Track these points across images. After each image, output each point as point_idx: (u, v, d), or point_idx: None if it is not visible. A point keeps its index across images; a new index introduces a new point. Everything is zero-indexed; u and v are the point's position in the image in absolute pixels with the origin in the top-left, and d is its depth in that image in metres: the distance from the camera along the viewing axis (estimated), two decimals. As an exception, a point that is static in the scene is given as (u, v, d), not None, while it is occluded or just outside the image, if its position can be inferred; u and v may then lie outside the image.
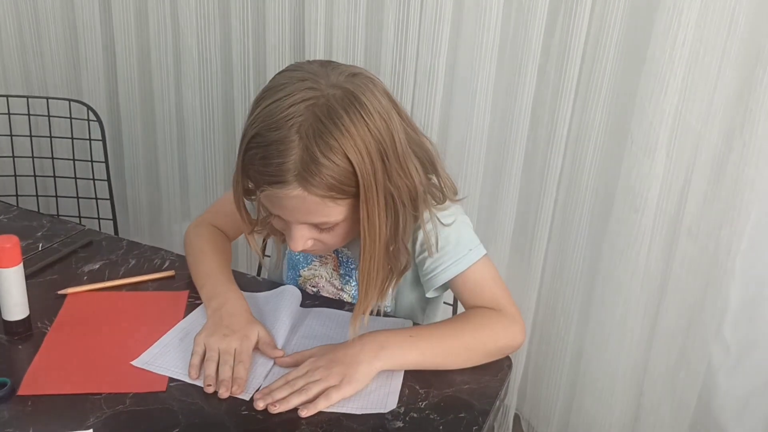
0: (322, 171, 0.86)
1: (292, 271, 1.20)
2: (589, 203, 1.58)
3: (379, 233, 0.92)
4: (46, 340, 1.00)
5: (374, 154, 0.88)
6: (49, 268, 1.18)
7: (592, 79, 1.48)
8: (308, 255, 1.16)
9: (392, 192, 0.92)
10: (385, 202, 0.91)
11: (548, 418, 1.81)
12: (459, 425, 0.89)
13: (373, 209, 0.90)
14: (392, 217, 0.93)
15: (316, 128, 0.86)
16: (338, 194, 0.89)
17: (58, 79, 2.19)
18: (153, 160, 2.17)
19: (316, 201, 0.89)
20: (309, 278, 1.18)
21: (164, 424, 0.86)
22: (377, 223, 0.91)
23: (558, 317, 1.72)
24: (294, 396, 0.88)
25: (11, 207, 1.39)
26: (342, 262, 1.14)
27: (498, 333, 1.00)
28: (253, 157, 0.89)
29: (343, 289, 1.15)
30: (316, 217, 0.92)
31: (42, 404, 0.88)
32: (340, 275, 1.15)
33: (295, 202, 0.89)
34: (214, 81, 1.96)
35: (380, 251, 0.94)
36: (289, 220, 0.94)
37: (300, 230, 0.94)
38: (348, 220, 0.94)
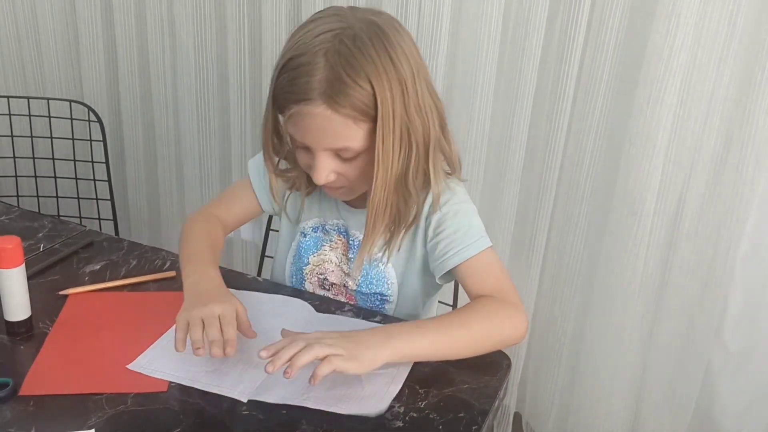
0: (345, 90, 0.91)
1: (298, 261, 1.20)
2: (587, 206, 1.59)
3: (392, 163, 0.97)
4: (47, 340, 1.00)
5: (394, 83, 0.93)
6: (51, 269, 1.18)
7: (590, 82, 1.49)
8: (318, 241, 1.18)
9: (408, 126, 0.96)
10: (400, 133, 0.96)
11: (546, 419, 1.82)
12: (458, 425, 0.89)
13: (388, 136, 0.95)
14: (405, 152, 0.98)
15: (341, 52, 0.91)
16: (360, 116, 0.93)
17: (56, 80, 2.19)
18: (152, 161, 2.18)
19: (339, 121, 0.93)
20: (318, 264, 1.18)
21: (165, 424, 0.87)
22: (391, 152, 0.96)
23: (557, 319, 1.72)
24: (302, 354, 0.85)
25: (12, 207, 1.39)
26: (351, 246, 1.15)
27: (504, 323, 1.01)
28: (282, 82, 0.95)
29: (350, 273, 1.16)
30: (339, 140, 0.96)
31: (44, 404, 0.89)
32: (348, 259, 1.16)
33: (319, 121, 0.93)
34: (210, 83, 1.97)
35: (390, 183, 0.99)
36: (313, 147, 0.98)
37: (323, 159, 0.98)
38: (368, 153, 0.97)
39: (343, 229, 1.16)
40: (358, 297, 1.17)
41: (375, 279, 1.14)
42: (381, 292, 1.15)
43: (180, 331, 0.92)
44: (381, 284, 1.15)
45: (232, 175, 2.06)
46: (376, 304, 1.16)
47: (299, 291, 1.19)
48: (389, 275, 1.14)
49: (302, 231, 1.20)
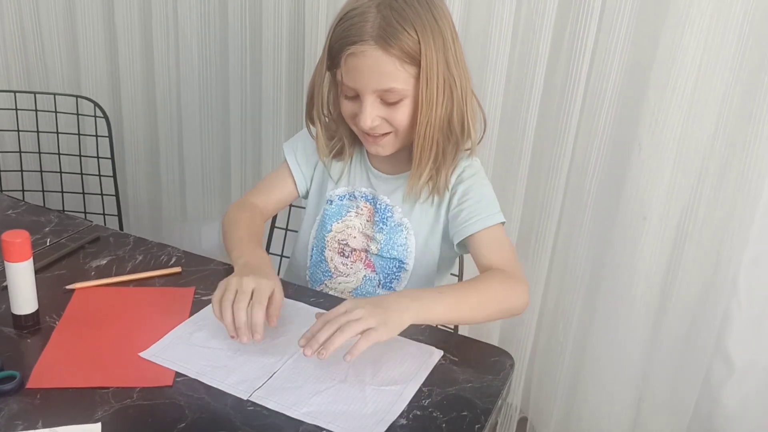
0: (395, 34, 1.04)
1: (321, 230, 1.27)
2: (593, 210, 1.58)
3: (435, 106, 1.08)
4: (54, 334, 1.01)
5: (436, 36, 1.06)
6: (57, 264, 1.19)
7: (598, 86, 1.49)
8: (343, 208, 1.25)
9: (447, 76, 1.08)
10: (442, 79, 1.07)
11: (549, 421, 1.82)
12: (462, 423, 0.90)
13: (432, 80, 1.06)
14: (445, 97, 1.09)
15: (392, 5, 1.05)
16: (406, 58, 1.05)
17: (59, 76, 2.19)
18: (154, 158, 2.18)
19: (388, 61, 1.04)
20: (340, 231, 1.25)
21: (171, 419, 0.87)
22: (435, 94, 1.07)
23: (561, 322, 1.72)
24: (337, 336, 0.90)
25: (19, 202, 1.40)
26: (378, 209, 1.23)
27: (513, 292, 1.10)
28: (339, 32, 1.07)
29: (373, 237, 1.23)
30: (386, 81, 1.06)
31: (50, 397, 0.89)
32: (374, 222, 1.23)
33: (371, 62, 1.04)
34: (213, 81, 1.97)
35: (434, 124, 1.10)
36: (362, 90, 1.07)
37: (370, 103, 1.08)
38: (412, 99, 1.08)
39: (370, 197, 1.24)
40: (377, 262, 1.23)
41: (397, 245, 1.21)
42: (400, 259, 1.22)
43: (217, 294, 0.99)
44: (401, 251, 1.21)
45: (232, 171, 2.06)
46: (393, 270, 1.22)
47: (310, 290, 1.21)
48: (410, 243, 1.21)
49: (329, 199, 1.26)
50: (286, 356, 0.99)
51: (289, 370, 0.95)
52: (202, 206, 2.12)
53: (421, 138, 1.11)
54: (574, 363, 1.74)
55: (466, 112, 1.12)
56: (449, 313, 1.03)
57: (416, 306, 0.98)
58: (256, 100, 1.94)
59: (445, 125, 1.11)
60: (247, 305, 0.96)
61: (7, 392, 0.89)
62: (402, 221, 1.21)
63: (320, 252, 1.28)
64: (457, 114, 1.11)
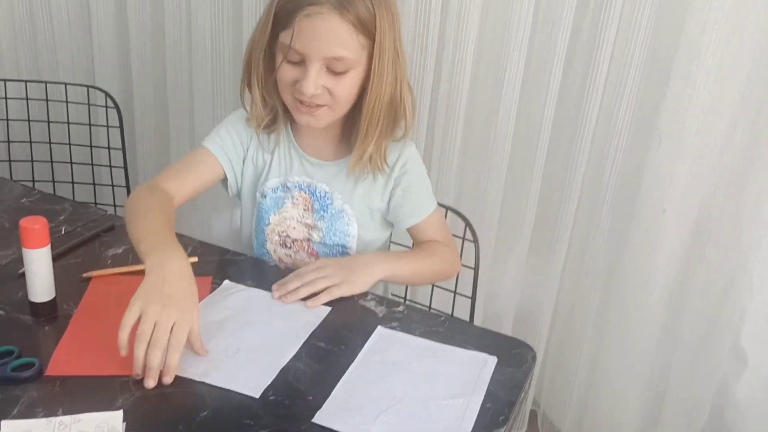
0: (354, 3, 1.04)
1: (260, 222, 1.26)
2: (611, 202, 1.57)
3: (385, 79, 1.10)
4: (71, 321, 1.00)
5: (389, 14, 1.08)
6: (73, 252, 1.18)
7: (618, 77, 1.47)
8: (278, 200, 1.24)
9: (394, 56, 1.10)
10: (392, 57, 1.10)
11: (564, 415, 1.81)
12: (486, 415, 0.89)
13: (384, 53, 1.08)
14: (393, 76, 1.11)
15: None
16: (360, 27, 1.05)
17: (69, 66, 2.17)
18: (165, 148, 2.16)
19: (344, 28, 1.04)
20: (278, 223, 1.25)
21: (192, 407, 0.86)
22: (385, 68, 1.09)
23: (577, 316, 1.71)
24: (303, 288, 1.07)
25: (33, 190, 1.39)
26: (317, 197, 1.23)
27: (453, 262, 1.27)
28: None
29: (315, 225, 1.24)
30: (337, 48, 1.05)
31: (70, 385, 0.88)
32: (313, 211, 1.23)
33: (326, 25, 1.04)
34: (226, 69, 1.95)
35: (384, 98, 1.11)
36: (310, 56, 1.06)
37: (316, 69, 1.06)
38: (357, 72, 1.09)
39: (305, 185, 1.23)
40: (320, 250, 1.25)
41: (339, 231, 1.23)
42: (343, 244, 1.24)
43: (125, 328, 0.89)
44: (343, 236, 1.24)
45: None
46: (336, 256, 1.25)
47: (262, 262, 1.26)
48: (351, 228, 1.24)
49: (262, 193, 1.25)
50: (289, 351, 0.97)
51: (345, 390, 0.91)
52: (213, 196, 2.10)
53: (370, 111, 1.12)
54: (589, 357, 1.73)
55: (403, 93, 1.15)
56: (411, 276, 1.22)
57: (383, 268, 1.14)
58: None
59: (389, 102, 1.13)
60: (164, 347, 0.88)
61: (26, 379, 0.88)
62: (343, 208, 1.22)
63: (262, 245, 1.28)
64: (398, 93, 1.14)
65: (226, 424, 0.84)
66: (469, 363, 0.98)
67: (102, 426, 0.81)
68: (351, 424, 0.86)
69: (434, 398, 0.91)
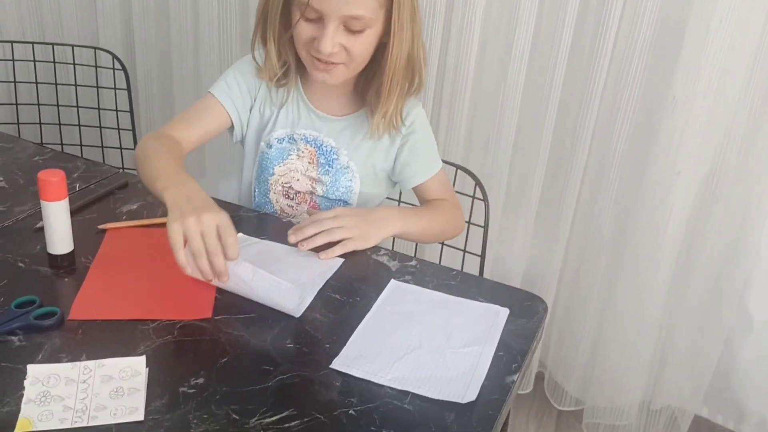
0: None
1: (263, 172, 1.27)
2: (620, 164, 1.58)
3: (404, 38, 1.10)
4: (90, 270, 1.01)
5: None
6: (88, 208, 1.19)
7: (629, 37, 1.47)
8: (284, 151, 1.25)
9: (412, 14, 1.10)
10: (410, 15, 1.10)
11: (570, 376, 1.83)
12: (499, 363, 0.91)
13: (404, 12, 1.09)
14: (410, 33, 1.11)
15: None
16: None
17: (74, 28, 2.16)
18: (170, 112, 2.16)
19: None
20: (283, 174, 1.26)
21: (212, 354, 0.88)
22: (405, 27, 1.10)
23: (583, 279, 1.73)
24: (320, 236, 1.08)
25: (45, 149, 1.40)
26: (323, 152, 1.24)
27: (459, 219, 1.29)
28: None
29: (319, 179, 1.25)
30: (356, 7, 1.05)
31: (92, 332, 0.90)
32: (318, 164, 1.25)
33: None
34: (233, 34, 1.94)
35: (403, 57, 1.12)
36: (328, 14, 1.06)
37: (333, 28, 1.07)
38: (374, 31, 1.10)
39: (311, 138, 1.24)
40: (322, 203, 1.28)
41: (342, 186, 1.26)
42: (344, 200, 1.27)
43: (179, 250, 0.91)
44: (345, 192, 1.26)
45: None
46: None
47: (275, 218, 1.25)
48: (354, 185, 1.26)
49: (267, 143, 1.25)
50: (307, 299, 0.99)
51: (362, 338, 0.93)
52: (221, 160, 2.11)
53: (392, 70, 1.12)
54: (595, 319, 1.75)
55: (420, 49, 1.15)
56: (420, 234, 1.23)
57: (398, 224, 1.16)
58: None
59: (407, 59, 1.14)
60: (220, 251, 0.91)
61: (48, 327, 0.90)
62: (348, 164, 1.24)
63: (264, 194, 1.29)
64: (416, 50, 1.14)
65: (246, 370, 0.86)
66: (482, 314, 1.00)
67: (126, 370, 0.83)
68: (368, 370, 0.87)
69: (449, 347, 0.93)
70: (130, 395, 0.80)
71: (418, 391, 0.85)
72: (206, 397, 0.81)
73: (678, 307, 1.68)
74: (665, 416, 1.79)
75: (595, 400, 1.80)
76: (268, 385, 0.84)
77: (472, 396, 0.84)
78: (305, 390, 0.84)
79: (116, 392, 0.80)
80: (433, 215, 1.25)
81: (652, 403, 1.80)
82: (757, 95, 1.43)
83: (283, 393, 0.83)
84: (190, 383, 0.83)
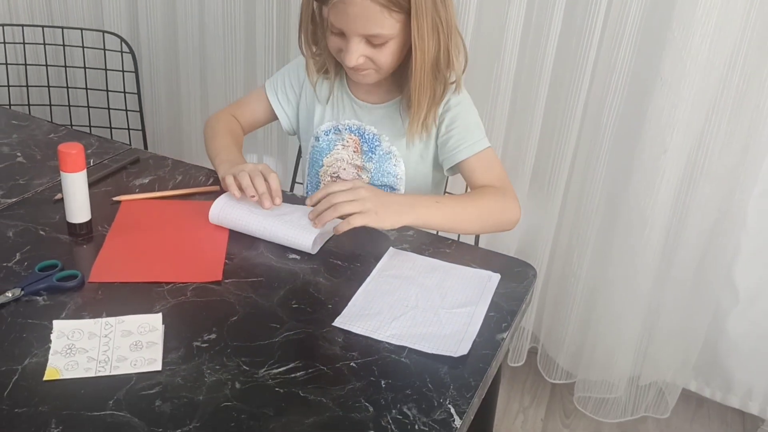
0: None
1: (314, 165, 1.34)
2: (610, 140, 1.63)
3: (427, 49, 1.13)
4: (108, 237, 1.08)
5: None
6: (103, 181, 1.25)
7: (619, 18, 1.52)
8: (330, 142, 1.31)
9: (434, 17, 1.11)
10: (431, 21, 1.11)
11: (562, 350, 1.90)
12: (490, 322, 0.97)
13: (423, 25, 1.10)
14: (436, 39, 1.13)
15: None
16: (394, 7, 1.09)
17: (80, 12, 2.20)
18: (176, 93, 2.21)
19: (375, 9, 1.08)
20: (331, 164, 1.33)
21: (223, 313, 0.95)
22: (426, 38, 1.12)
23: (575, 252, 1.78)
24: (328, 212, 1.04)
25: (59, 127, 1.46)
26: (366, 139, 1.29)
27: (506, 207, 1.19)
28: None
29: (363, 167, 1.30)
30: (372, 27, 1.10)
31: (111, 293, 0.97)
32: (362, 152, 1.29)
33: (358, 9, 1.08)
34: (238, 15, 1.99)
35: (427, 67, 1.15)
36: (348, 33, 1.12)
37: (355, 44, 1.13)
38: (397, 41, 1.13)
39: (355, 128, 1.30)
40: None
41: (387, 172, 1.29)
42: (391, 186, 1.30)
43: (233, 189, 1.11)
44: (391, 178, 1.29)
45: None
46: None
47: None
48: (399, 170, 1.29)
49: (315, 135, 1.32)
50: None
51: (362, 299, 1.00)
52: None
53: (417, 84, 1.16)
54: (587, 293, 1.81)
55: (450, 47, 1.17)
56: (446, 222, 1.13)
57: (417, 211, 1.09)
58: (282, 35, 1.96)
59: (434, 66, 1.17)
60: (262, 179, 1.11)
61: (70, 288, 0.96)
62: (390, 149, 1.28)
63: (315, 186, 1.36)
64: (444, 52, 1.16)
65: (255, 327, 0.93)
66: (475, 278, 1.07)
67: (144, 326, 0.90)
68: (367, 327, 0.94)
69: (444, 307, 1.00)
70: (149, 348, 0.87)
71: (414, 346, 0.91)
72: (218, 350, 0.88)
73: (667, 280, 1.73)
74: (654, 389, 1.86)
75: (587, 374, 1.87)
76: (275, 341, 0.90)
77: (464, 350, 0.91)
78: (310, 345, 0.91)
79: (135, 345, 0.87)
80: (466, 202, 1.19)
81: (641, 375, 1.86)
82: (742, 73, 1.49)
83: (290, 347, 0.90)
84: (203, 338, 0.90)
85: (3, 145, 1.36)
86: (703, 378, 1.88)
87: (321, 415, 0.80)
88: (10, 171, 1.26)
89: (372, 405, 0.82)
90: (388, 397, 0.83)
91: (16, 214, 1.13)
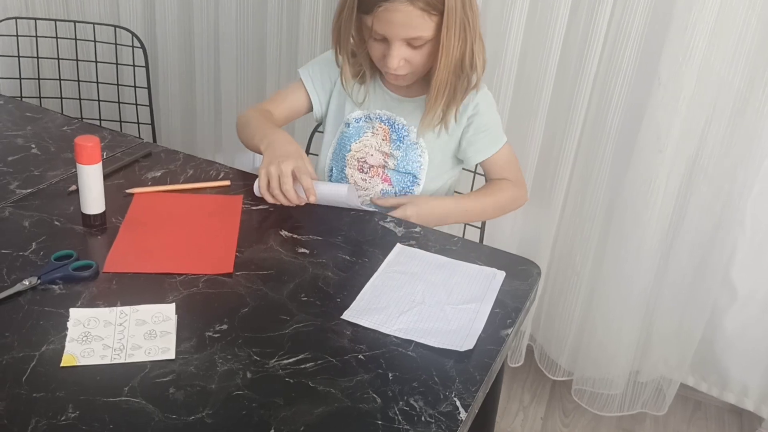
0: None
1: (341, 149, 1.40)
2: (612, 141, 1.65)
3: (453, 49, 1.21)
4: (121, 229, 1.11)
5: None
6: (116, 174, 1.27)
7: (622, 22, 1.54)
8: (360, 129, 1.38)
9: (463, 19, 1.20)
10: (460, 23, 1.19)
11: (560, 349, 1.92)
12: (495, 318, 1.00)
13: (452, 27, 1.19)
14: (462, 40, 1.21)
15: None
16: (431, 10, 1.17)
17: (95, 7, 2.23)
18: (190, 89, 2.23)
19: (416, 14, 1.17)
20: (359, 150, 1.38)
21: (234, 305, 0.97)
22: (453, 39, 1.20)
23: (575, 251, 1.80)
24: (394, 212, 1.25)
25: (73, 120, 1.48)
26: (395, 129, 1.36)
27: (517, 197, 1.41)
28: None
29: (391, 154, 1.37)
30: (414, 31, 1.19)
31: (125, 283, 0.99)
32: (391, 140, 1.36)
33: (401, 16, 1.17)
34: (251, 13, 2.01)
35: (451, 66, 1.23)
36: (391, 38, 1.20)
37: (398, 48, 1.21)
38: (433, 42, 1.21)
39: (385, 118, 1.37)
40: (393, 176, 1.37)
41: (412, 161, 1.36)
42: (414, 173, 1.36)
43: (265, 193, 1.18)
44: (416, 166, 1.36)
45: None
46: (407, 184, 1.37)
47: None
48: (423, 160, 1.36)
49: (346, 122, 1.39)
50: None
51: (370, 294, 1.02)
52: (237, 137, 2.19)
53: (439, 80, 1.24)
54: (585, 293, 1.83)
55: (475, 49, 1.24)
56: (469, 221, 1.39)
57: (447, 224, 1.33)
58: (293, 33, 1.98)
59: (458, 66, 1.24)
60: (292, 185, 1.15)
61: (86, 278, 0.99)
62: (418, 140, 1.35)
63: (340, 170, 1.41)
64: (468, 53, 1.23)
65: (265, 319, 0.95)
66: (480, 276, 1.09)
67: (158, 315, 0.92)
68: (375, 321, 0.96)
69: (450, 303, 1.02)
70: (162, 337, 0.89)
71: (420, 340, 0.94)
72: (230, 340, 0.90)
73: (665, 279, 1.76)
74: (652, 386, 1.88)
75: (586, 371, 1.89)
76: (285, 332, 0.93)
77: (470, 345, 0.93)
78: (319, 337, 0.93)
79: (150, 334, 0.89)
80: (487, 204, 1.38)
81: (639, 372, 1.88)
82: (744, 75, 1.50)
83: (299, 339, 0.92)
84: (215, 329, 0.92)
85: (18, 137, 1.38)
86: (699, 374, 1.90)
87: (330, 405, 0.82)
88: (25, 162, 1.29)
89: (380, 396, 0.84)
90: (395, 389, 0.85)
91: (31, 205, 1.16)
